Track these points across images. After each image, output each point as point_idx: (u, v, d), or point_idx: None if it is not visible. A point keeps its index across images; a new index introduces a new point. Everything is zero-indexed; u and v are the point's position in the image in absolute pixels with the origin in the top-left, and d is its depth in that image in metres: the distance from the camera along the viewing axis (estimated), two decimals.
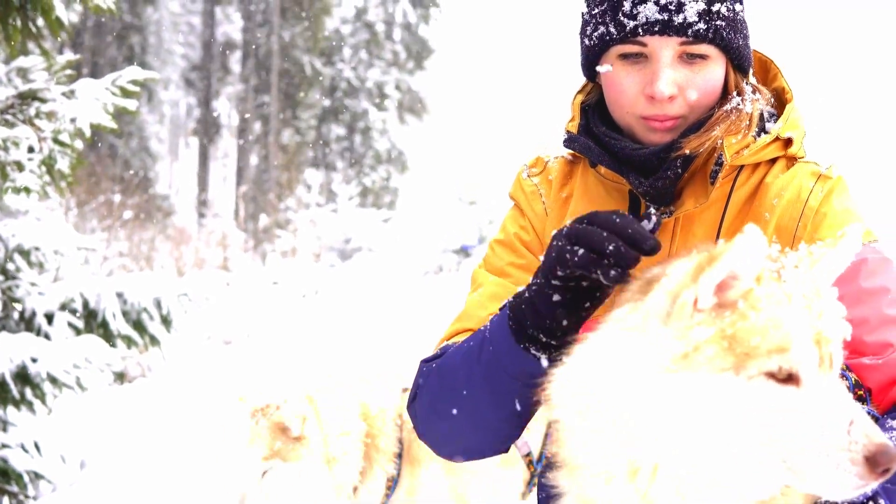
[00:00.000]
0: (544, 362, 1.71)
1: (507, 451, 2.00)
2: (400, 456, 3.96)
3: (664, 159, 2.05)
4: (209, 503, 5.84)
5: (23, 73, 5.25)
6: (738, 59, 2.08)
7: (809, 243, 2.01)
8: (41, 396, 5.43)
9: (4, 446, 5.64)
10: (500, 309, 1.85)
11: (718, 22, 1.99)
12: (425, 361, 2.10)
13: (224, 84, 40.62)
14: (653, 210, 1.66)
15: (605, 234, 1.58)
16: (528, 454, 4.11)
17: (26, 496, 5.67)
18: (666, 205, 2.12)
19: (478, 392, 1.85)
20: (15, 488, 5.58)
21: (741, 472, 1.44)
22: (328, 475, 3.87)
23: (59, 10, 4.87)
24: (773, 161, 2.15)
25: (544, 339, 1.70)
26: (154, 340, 6.36)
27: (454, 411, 1.92)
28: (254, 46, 36.36)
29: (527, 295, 1.72)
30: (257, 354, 12.01)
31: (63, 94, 4.93)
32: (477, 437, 1.96)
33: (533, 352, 1.72)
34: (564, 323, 1.68)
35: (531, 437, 4.12)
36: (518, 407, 1.83)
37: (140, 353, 9.68)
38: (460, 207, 34.26)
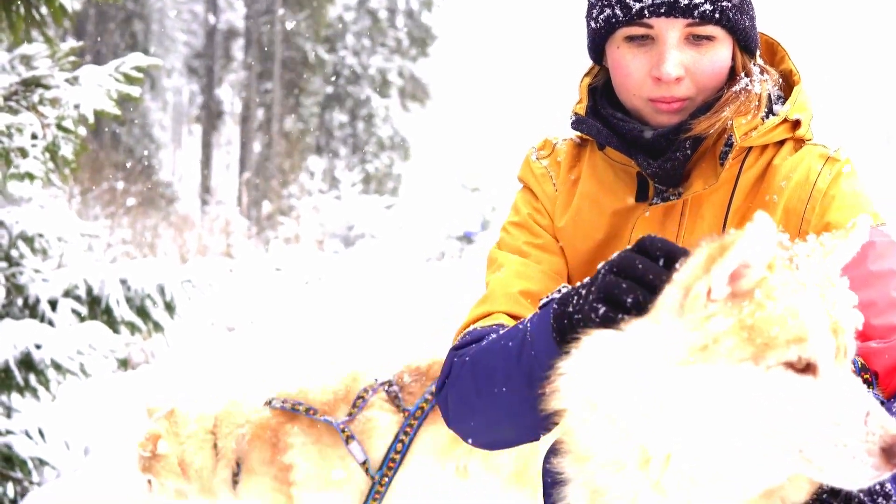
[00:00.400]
0: None
1: (538, 440, 1.97)
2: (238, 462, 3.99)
3: (672, 141, 2.06)
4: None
5: (26, 60, 5.23)
6: (745, 41, 2.07)
7: (818, 226, 2.01)
8: (45, 383, 5.44)
9: (9, 432, 5.65)
10: (541, 308, 1.81)
11: (724, 3, 1.99)
12: (455, 349, 2.07)
13: (227, 71, 40.50)
14: None
15: (624, 285, 1.51)
16: (365, 462, 3.82)
17: (31, 482, 5.69)
18: (674, 186, 2.12)
19: (518, 392, 1.82)
20: (19, 474, 5.60)
21: (756, 461, 1.43)
22: (187, 483, 4.00)
23: None
24: (781, 143, 2.15)
25: None
26: (158, 327, 6.35)
27: (490, 407, 1.90)
28: (256, 34, 36.28)
29: (574, 317, 1.65)
30: (261, 341, 12.00)
31: (66, 80, 4.91)
32: (513, 432, 1.95)
33: None
34: None
35: (374, 442, 3.85)
36: None
37: (144, 339, 9.68)
38: (463, 194, 34.25)
